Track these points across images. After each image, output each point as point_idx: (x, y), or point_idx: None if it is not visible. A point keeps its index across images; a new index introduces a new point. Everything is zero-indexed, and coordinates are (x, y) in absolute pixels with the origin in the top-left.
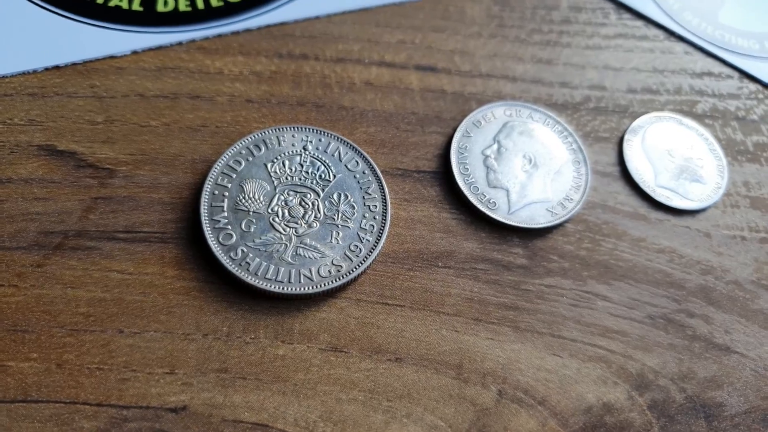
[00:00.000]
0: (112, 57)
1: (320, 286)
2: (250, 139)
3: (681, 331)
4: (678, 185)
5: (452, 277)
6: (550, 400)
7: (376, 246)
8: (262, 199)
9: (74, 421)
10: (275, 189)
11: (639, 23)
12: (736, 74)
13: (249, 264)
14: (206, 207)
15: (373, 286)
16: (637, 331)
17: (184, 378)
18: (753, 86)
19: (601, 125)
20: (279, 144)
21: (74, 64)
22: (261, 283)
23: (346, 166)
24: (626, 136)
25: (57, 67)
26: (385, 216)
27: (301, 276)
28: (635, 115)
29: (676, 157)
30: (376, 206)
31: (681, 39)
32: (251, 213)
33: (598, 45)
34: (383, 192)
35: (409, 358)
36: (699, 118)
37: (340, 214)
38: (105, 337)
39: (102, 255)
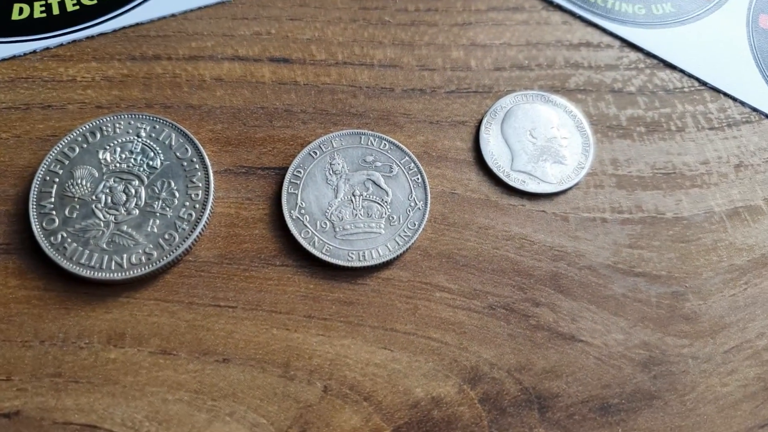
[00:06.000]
0: None
1: (129, 273)
2: (87, 126)
3: (524, 321)
4: (536, 168)
5: (289, 275)
6: (376, 396)
7: (191, 234)
8: (88, 185)
9: None
10: (103, 176)
11: None
12: (617, 43)
13: (66, 249)
14: (35, 192)
15: (206, 289)
16: (475, 323)
17: (20, 384)
18: (634, 55)
19: (460, 109)
20: (114, 131)
21: None
22: (74, 267)
23: (175, 153)
24: (485, 119)
25: None
26: (206, 205)
27: (113, 262)
28: (499, 95)
29: (538, 137)
30: (198, 195)
31: (559, 8)
32: (76, 199)
33: (468, 21)
34: (208, 180)
35: (237, 359)
36: (570, 93)
37: (160, 202)
38: None
39: None
